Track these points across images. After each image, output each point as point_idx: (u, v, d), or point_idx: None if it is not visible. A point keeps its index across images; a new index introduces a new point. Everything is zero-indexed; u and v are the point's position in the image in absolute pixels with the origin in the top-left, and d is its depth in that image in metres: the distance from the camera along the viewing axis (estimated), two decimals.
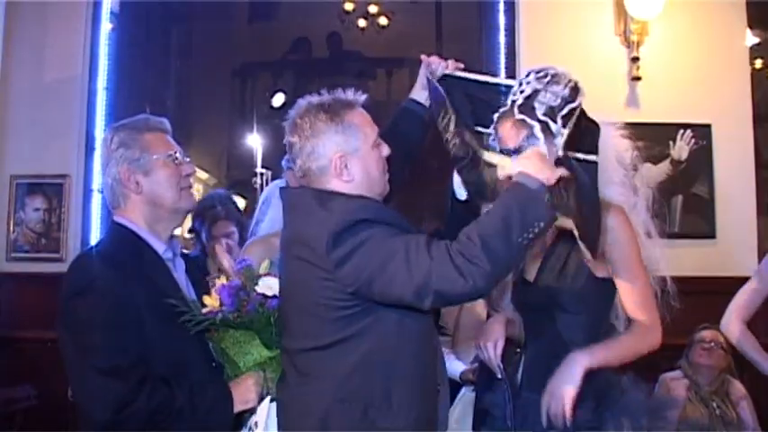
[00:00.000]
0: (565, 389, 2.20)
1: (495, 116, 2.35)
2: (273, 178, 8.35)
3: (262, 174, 10.59)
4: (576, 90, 2.26)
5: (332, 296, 2.05)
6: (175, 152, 2.39)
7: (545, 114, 2.22)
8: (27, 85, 5.09)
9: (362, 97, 2.25)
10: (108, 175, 2.35)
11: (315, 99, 2.22)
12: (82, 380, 2.17)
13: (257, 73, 11.61)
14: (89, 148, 5.03)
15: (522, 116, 2.24)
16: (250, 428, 2.25)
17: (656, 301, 2.35)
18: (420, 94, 2.64)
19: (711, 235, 4.96)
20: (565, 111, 2.22)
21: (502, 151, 2.30)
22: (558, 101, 2.23)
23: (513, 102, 2.28)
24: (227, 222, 3.89)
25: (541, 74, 2.28)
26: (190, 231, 4.20)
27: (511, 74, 5.15)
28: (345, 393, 2.07)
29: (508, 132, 2.29)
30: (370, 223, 2.03)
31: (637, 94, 4.99)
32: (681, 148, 4.96)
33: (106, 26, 5.25)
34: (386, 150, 2.26)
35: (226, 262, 2.42)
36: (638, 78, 4.96)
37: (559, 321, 2.34)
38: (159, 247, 2.36)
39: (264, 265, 2.41)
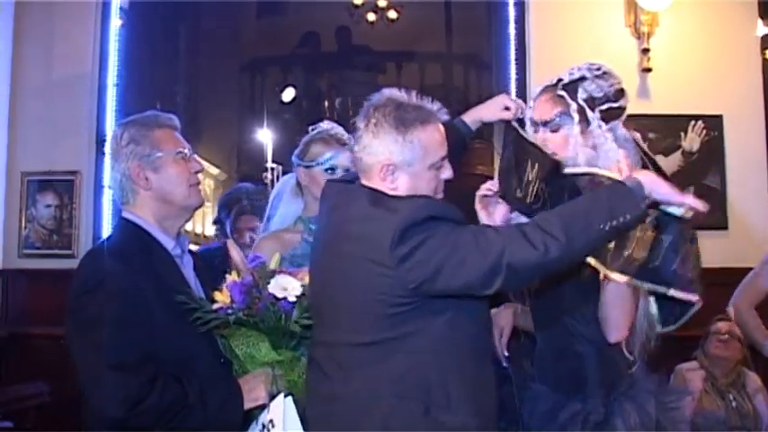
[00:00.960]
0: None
1: (538, 89, 2.40)
2: (284, 173, 8.36)
3: (272, 168, 10.63)
4: (621, 92, 2.32)
5: (390, 292, 2.02)
6: (185, 149, 2.39)
7: (585, 101, 2.28)
8: (37, 83, 5.10)
9: (444, 116, 2.23)
10: (117, 171, 2.34)
11: (398, 97, 2.18)
12: (93, 377, 2.15)
13: (266, 68, 11.65)
14: (99, 145, 5.00)
15: (563, 92, 2.30)
16: (263, 425, 2.23)
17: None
18: (474, 122, 2.61)
19: (724, 226, 4.93)
20: (604, 107, 2.28)
21: (534, 123, 2.34)
22: (601, 94, 2.29)
23: (560, 79, 2.33)
24: (252, 217, 3.93)
25: (595, 66, 2.33)
26: (215, 222, 4.27)
27: (521, 66, 5.15)
28: (404, 391, 2.04)
29: (544, 105, 2.34)
30: (437, 220, 2.02)
31: (647, 85, 4.97)
32: (692, 139, 4.94)
33: (116, 22, 5.25)
34: (446, 174, 2.22)
35: (236, 255, 2.41)
36: (649, 70, 4.93)
37: (565, 314, 2.33)
38: (168, 243, 2.36)
39: (275, 259, 2.40)
